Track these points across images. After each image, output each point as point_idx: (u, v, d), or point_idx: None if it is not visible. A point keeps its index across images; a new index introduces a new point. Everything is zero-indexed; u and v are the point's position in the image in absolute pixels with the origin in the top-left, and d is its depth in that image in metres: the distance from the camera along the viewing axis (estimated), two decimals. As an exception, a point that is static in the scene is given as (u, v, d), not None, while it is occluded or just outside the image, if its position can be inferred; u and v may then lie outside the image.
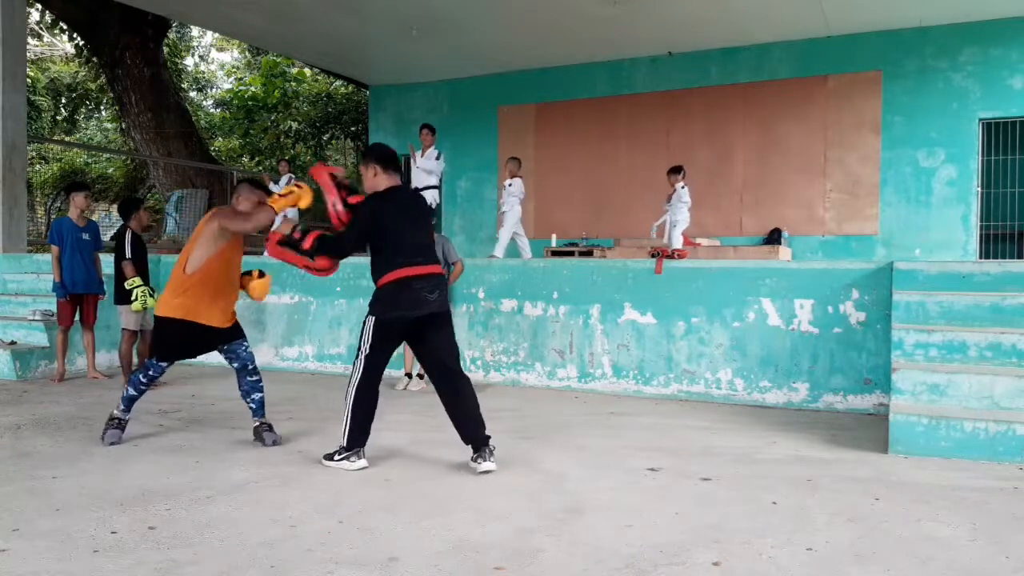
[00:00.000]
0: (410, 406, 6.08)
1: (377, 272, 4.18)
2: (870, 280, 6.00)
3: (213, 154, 19.47)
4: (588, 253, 10.88)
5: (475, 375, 7.28)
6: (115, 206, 18.94)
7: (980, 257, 10.55)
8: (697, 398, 6.45)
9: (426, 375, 7.04)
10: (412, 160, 9.79)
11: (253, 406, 4.85)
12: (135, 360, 6.95)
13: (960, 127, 10.70)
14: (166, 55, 17.69)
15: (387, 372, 7.62)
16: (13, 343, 7.74)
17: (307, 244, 4.20)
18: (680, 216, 9.47)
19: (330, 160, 21.60)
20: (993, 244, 10.76)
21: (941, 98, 10.77)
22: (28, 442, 4.75)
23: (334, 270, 4.51)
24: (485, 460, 4.06)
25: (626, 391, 6.72)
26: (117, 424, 4.72)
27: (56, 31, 19.39)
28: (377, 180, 4.24)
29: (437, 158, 9.79)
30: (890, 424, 4.62)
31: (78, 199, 7.25)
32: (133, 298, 6.52)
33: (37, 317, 7.79)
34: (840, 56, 11.24)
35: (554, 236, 11.32)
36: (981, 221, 10.74)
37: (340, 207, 4.22)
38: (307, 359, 8.06)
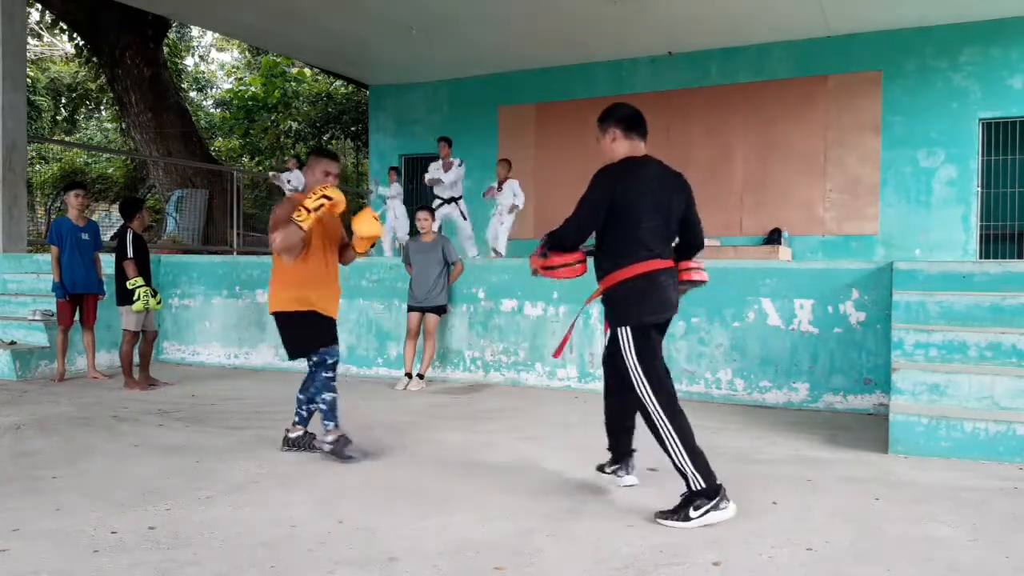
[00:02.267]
0: (410, 406, 6.08)
1: (612, 263, 3.47)
2: (870, 280, 6.00)
3: (213, 154, 19.47)
4: (589, 253, 10.88)
5: (475, 375, 7.29)
6: (115, 206, 18.96)
7: (980, 257, 10.56)
8: (697, 398, 6.45)
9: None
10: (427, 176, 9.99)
11: (323, 407, 4.40)
12: (135, 360, 6.95)
13: (960, 127, 10.70)
14: (166, 55, 17.70)
15: (387, 372, 7.71)
16: (13, 343, 7.74)
17: (556, 257, 3.55)
18: None
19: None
20: (993, 244, 10.76)
21: (941, 98, 10.78)
22: (28, 442, 4.75)
23: (576, 270, 3.64)
24: (628, 474, 3.81)
25: (626, 391, 6.71)
26: (343, 440, 4.34)
27: (56, 31, 19.39)
28: (616, 146, 3.54)
29: (460, 165, 9.87)
30: (890, 424, 4.62)
31: (71, 198, 7.25)
32: (135, 298, 6.51)
33: (37, 317, 7.79)
34: (840, 56, 11.24)
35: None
36: (981, 221, 10.74)
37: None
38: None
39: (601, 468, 3.91)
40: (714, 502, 3.23)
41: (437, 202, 9.87)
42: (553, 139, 13.05)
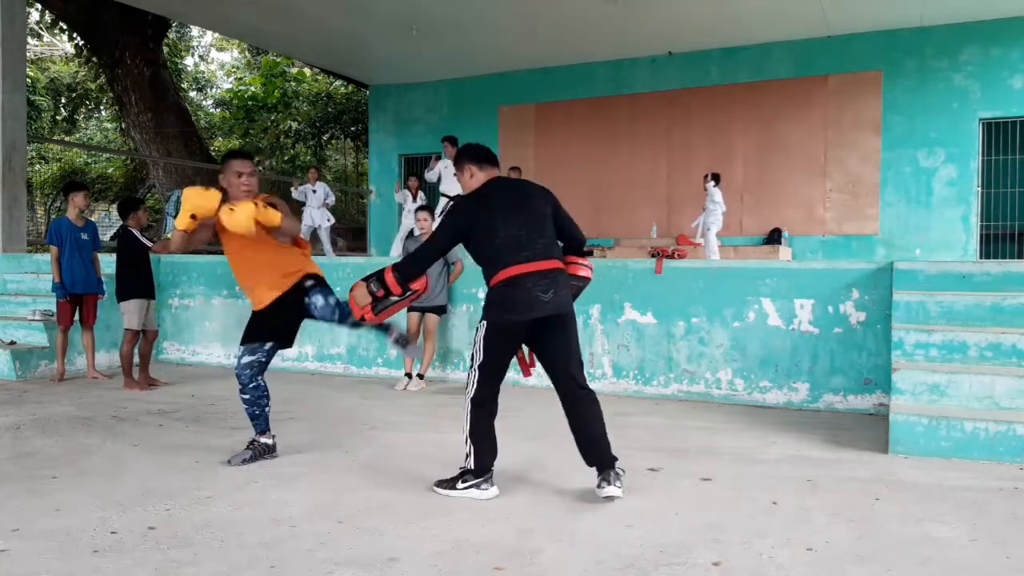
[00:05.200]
0: (410, 406, 6.08)
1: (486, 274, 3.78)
2: (870, 280, 6.00)
3: (213, 154, 19.45)
4: (588, 253, 10.88)
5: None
6: (115, 206, 18.94)
7: (980, 257, 10.56)
8: (697, 398, 6.45)
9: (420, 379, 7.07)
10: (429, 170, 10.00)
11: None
12: (135, 360, 6.95)
13: (960, 127, 10.70)
14: (166, 55, 17.70)
15: (387, 372, 7.71)
16: (13, 343, 7.74)
17: (396, 289, 3.76)
18: (712, 219, 9.86)
19: (330, 160, 21.61)
20: (993, 244, 10.77)
21: (941, 98, 10.78)
22: (28, 442, 4.75)
23: (406, 301, 3.96)
24: (610, 484, 3.59)
25: (626, 391, 6.72)
26: None
27: (56, 31, 19.38)
28: (473, 181, 3.82)
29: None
30: (890, 424, 4.62)
31: (77, 199, 7.25)
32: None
33: (37, 317, 7.78)
34: (840, 56, 11.24)
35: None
36: (981, 221, 10.75)
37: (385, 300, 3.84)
38: (307, 359, 8.05)
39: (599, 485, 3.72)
40: (478, 480, 3.65)
41: (444, 201, 9.85)
42: (553, 139, 13.06)
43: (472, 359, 3.75)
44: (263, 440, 4.33)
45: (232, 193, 4.31)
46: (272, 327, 4.27)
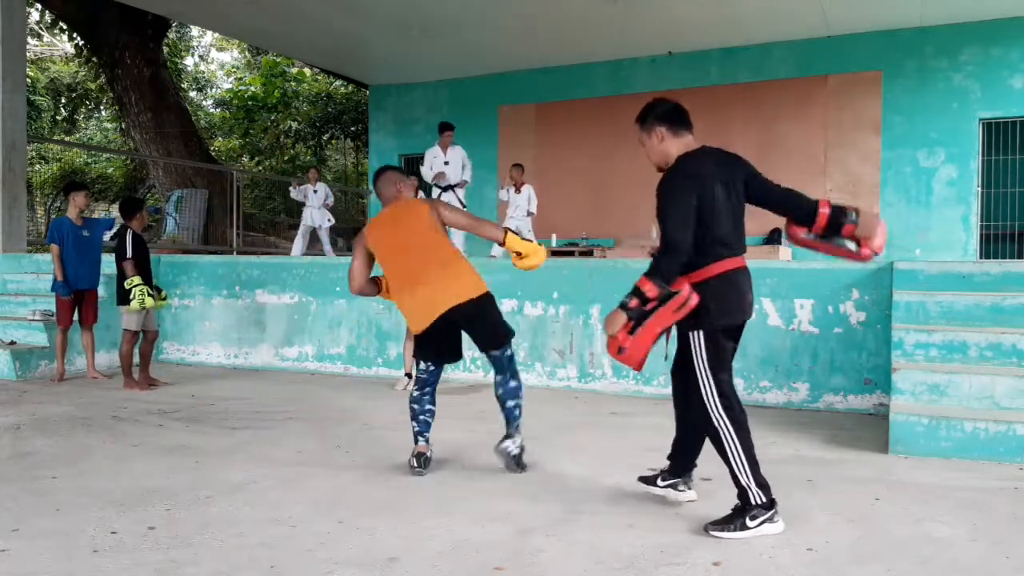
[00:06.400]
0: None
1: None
2: (870, 280, 6.00)
3: (213, 154, 19.46)
4: (588, 253, 10.90)
5: (475, 375, 7.29)
6: (115, 206, 18.95)
7: (980, 257, 10.55)
8: (697, 398, 6.44)
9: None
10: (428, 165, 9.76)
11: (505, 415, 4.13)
12: (135, 360, 6.95)
13: (960, 127, 10.70)
14: (166, 55, 17.70)
15: (387, 372, 7.70)
16: (13, 343, 7.74)
17: (653, 291, 3.08)
18: None
19: (330, 160, 21.62)
20: (993, 244, 10.76)
21: (941, 98, 10.78)
22: (28, 442, 4.75)
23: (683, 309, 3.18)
24: (689, 488, 3.59)
25: (626, 391, 6.72)
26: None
27: (56, 31, 19.38)
28: (666, 145, 3.27)
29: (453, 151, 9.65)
30: (890, 424, 4.62)
31: (78, 198, 7.27)
32: (131, 297, 6.51)
33: (37, 317, 7.78)
34: (840, 56, 11.24)
35: (554, 236, 11.32)
36: (981, 221, 10.74)
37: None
38: (307, 359, 8.05)
39: (649, 480, 3.64)
40: (769, 515, 3.13)
41: (436, 192, 9.70)
42: (553, 139, 13.05)
43: (701, 377, 3.19)
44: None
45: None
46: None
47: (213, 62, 25.57)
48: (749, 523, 3.09)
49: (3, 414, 5.61)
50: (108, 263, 7.44)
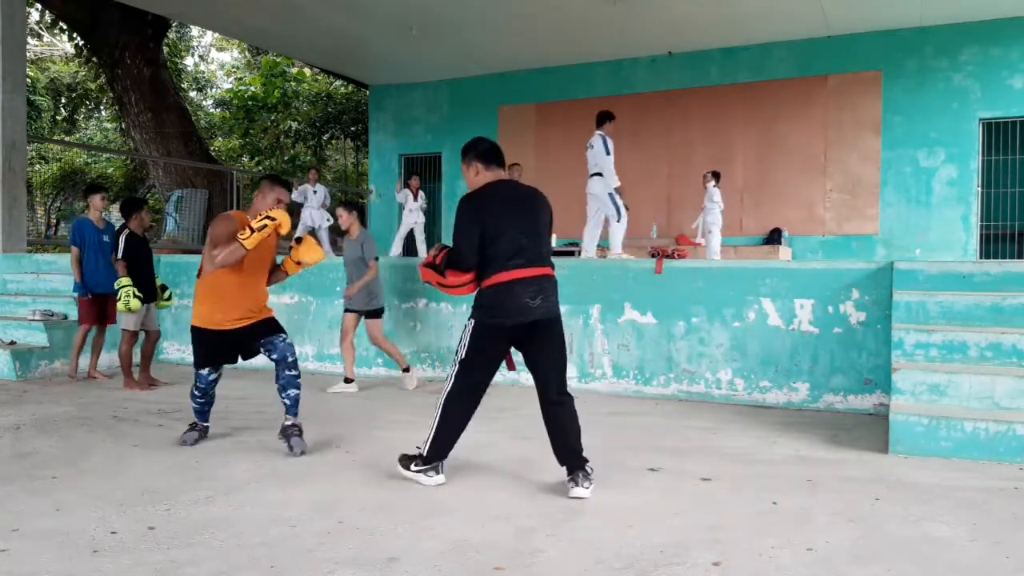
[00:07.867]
0: (409, 405, 6.08)
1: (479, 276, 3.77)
2: (870, 280, 6.00)
3: (213, 154, 19.46)
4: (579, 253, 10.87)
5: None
6: (114, 206, 18.95)
7: (980, 257, 10.56)
8: (697, 398, 6.45)
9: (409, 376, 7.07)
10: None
11: (287, 402, 4.60)
12: (136, 360, 6.95)
13: (960, 127, 10.70)
14: (166, 55, 17.68)
15: (387, 372, 7.70)
16: (13, 343, 7.74)
17: (437, 259, 3.79)
18: (712, 218, 9.93)
19: (330, 160, 21.62)
20: (993, 244, 10.77)
21: (941, 98, 10.78)
22: (28, 442, 4.75)
23: (469, 288, 3.84)
24: (578, 485, 3.66)
25: (626, 391, 6.72)
26: (193, 427, 4.81)
27: (56, 31, 19.37)
28: (480, 178, 3.86)
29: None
30: (890, 424, 4.62)
31: (95, 200, 7.29)
32: (118, 298, 6.54)
33: (37, 317, 7.78)
34: (840, 56, 11.24)
35: (554, 236, 11.30)
36: (981, 221, 10.75)
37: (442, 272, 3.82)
38: (307, 359, 8.05)
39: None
40: (426, 468, 3.82)
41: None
42: (553, 139, 13.05)
43: (456, 354, 3.83)
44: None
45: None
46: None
47: (213, 62, 25.58)
48: (412, 467, 3.84)
49: (3, 414, 5.61)
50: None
